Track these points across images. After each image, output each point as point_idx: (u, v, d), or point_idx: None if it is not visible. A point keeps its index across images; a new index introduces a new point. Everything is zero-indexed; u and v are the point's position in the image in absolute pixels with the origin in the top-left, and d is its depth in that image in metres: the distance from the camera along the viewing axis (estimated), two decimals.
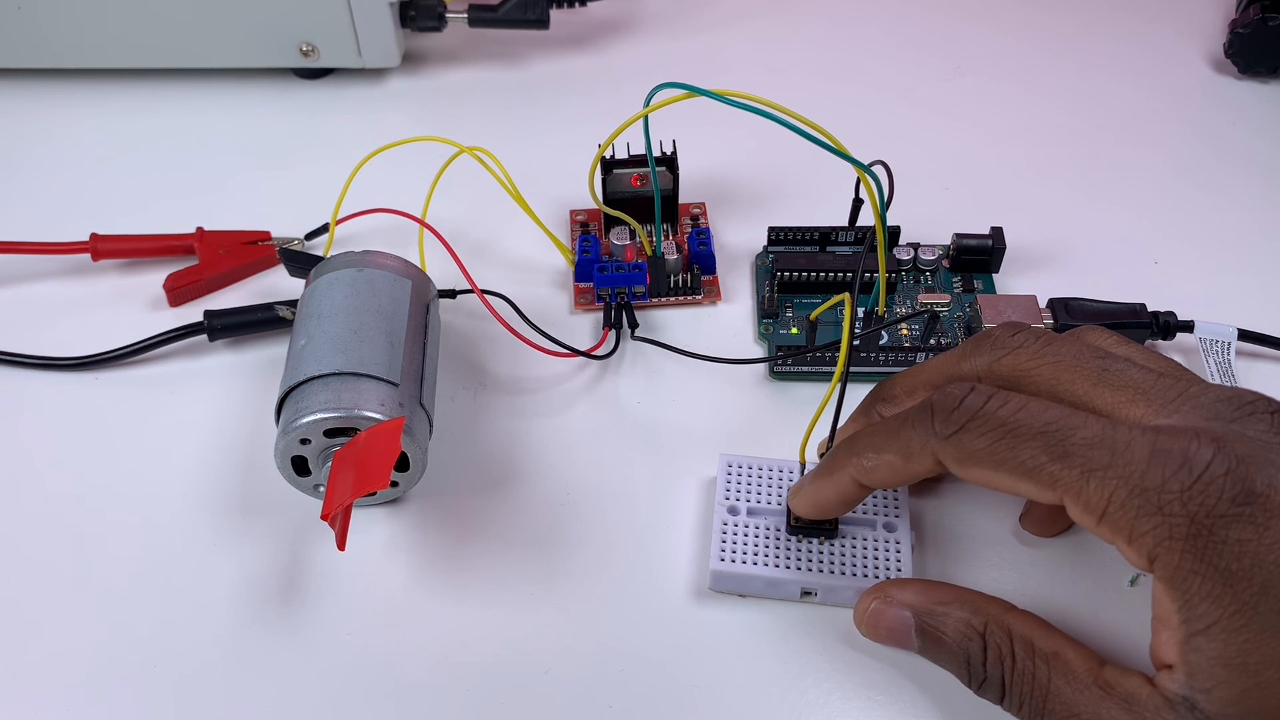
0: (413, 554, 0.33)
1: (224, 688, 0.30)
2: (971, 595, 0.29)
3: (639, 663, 0.30)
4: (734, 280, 0.41)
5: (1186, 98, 0.49)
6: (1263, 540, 0.23)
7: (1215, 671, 0.23)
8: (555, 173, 0.42)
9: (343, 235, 0.42)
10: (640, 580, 0.32)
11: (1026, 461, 0.25)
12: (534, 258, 0.42)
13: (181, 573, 0.32)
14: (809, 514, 0.30)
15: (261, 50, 0.49)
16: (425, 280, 0.36)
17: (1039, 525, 0.32)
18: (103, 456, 0.36)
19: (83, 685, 0.30)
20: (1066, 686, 0.26)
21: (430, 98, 0.50)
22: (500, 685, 0.30)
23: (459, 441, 0.36)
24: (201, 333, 0.38)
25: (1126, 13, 0.54)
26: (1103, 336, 0.29)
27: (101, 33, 0.48)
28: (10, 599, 0.32)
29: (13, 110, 0.50)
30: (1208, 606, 0.23)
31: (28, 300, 0.41)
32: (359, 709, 0.29)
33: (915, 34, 0.53)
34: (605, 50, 0.53)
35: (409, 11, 0.49)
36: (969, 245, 0.39)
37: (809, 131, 0.30)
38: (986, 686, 0.27)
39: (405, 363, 0.33)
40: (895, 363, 0.36)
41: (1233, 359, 0.37)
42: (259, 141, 0.48)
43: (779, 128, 0.30)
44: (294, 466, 0.32)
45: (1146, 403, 0.26)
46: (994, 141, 0.47)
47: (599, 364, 0.38)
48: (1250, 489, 0.23)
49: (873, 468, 0.28)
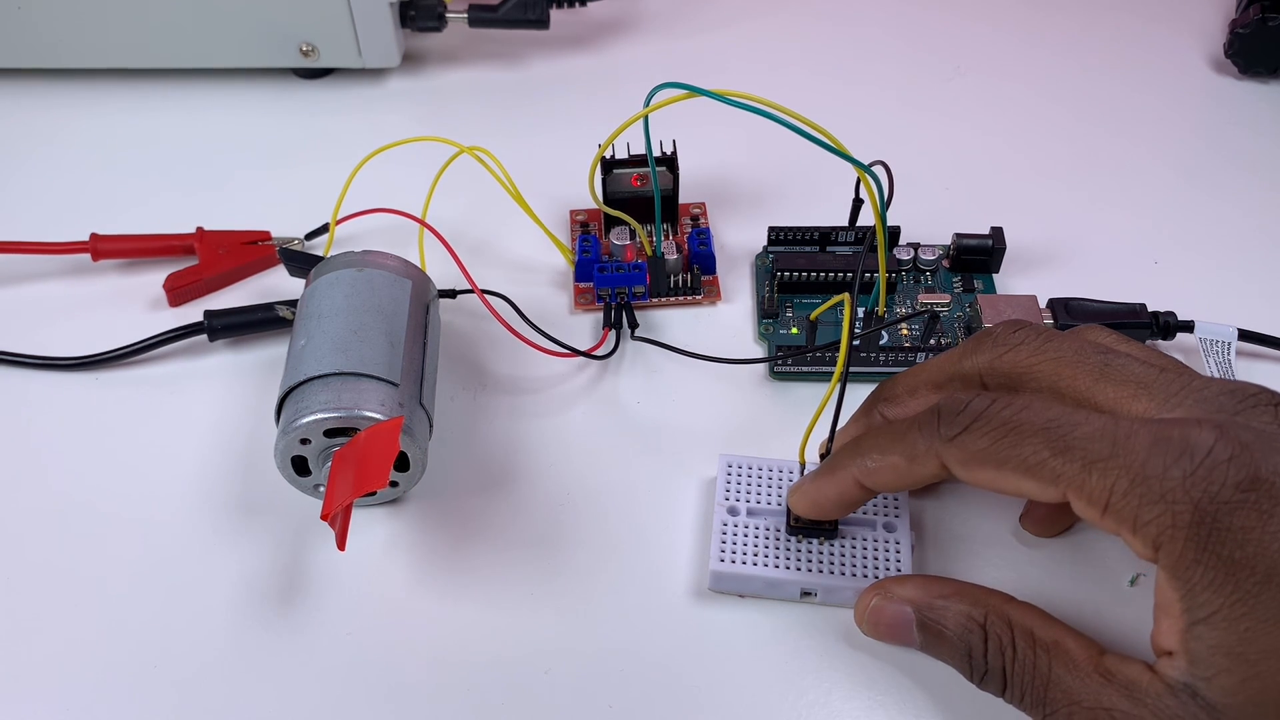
0: (413, 554, 0.33)
1: (224, 687, 0.30)
2: (971, 588, 0.29)
3: (639, 663, 0.30)
4: (734, 280, 0.41)
5: (1186, 98, 0.49)
6: (1266, 528, 0.23)
7: (1216, 659, 0.23)
8: (555, 173, 0.42)
9: (343, 235, 0.42)
10: (640, 580, 0.32)
11: (1029, 458, 0.25)
12: (534, 258, 0.42)
13: (182, 573, 0.32)
14: (808, 513, 0.30)
15: (261, 50, 0.49)
16: (425, 280, 0.36)
17: (1039, 525, 0.32)
18: (103, 456, 0.36)
19: (82, 685, 0.30)
20: (1068, 675, 0.26)
21: (430, 98, 0.50)
22: (500, 685, 0.30)
23: (459, 441, 0.36)
24: (201, 333, 0.38)
25: (1126, 13, 0.54)
26: (1103, 334, 0.29)
27: (101, 33, 0.48)
28: (10, 599, 0.32)
29: (13, 110, 0.50)
30: (1210, 594, 0.23)
31: (28, 300, 0.41)
32: (359, 709, 0.29)
33: (915, 34, 0.53)
34: (605, 50, 0.53)
35: (409, 11, 0.49)
36: (969, 245, 0.39)
37: (809, 131, 0.30)
38: (988, 678, 0.27)
39: (405, 363, 0.33)
40: (895, 363, 0.36)
41: (1233, 359, 0.37)
42: (259, 141, 0.48)
43: (779, 128, 0.30)
44: (294, 466, 0.32)
45: (1149, 397, 0.26)
46: (994, 141, 0.47)
47: (599, 364, 0.38)
48: (1255, 474, 0.23)
49: (876, 469, 0.28)
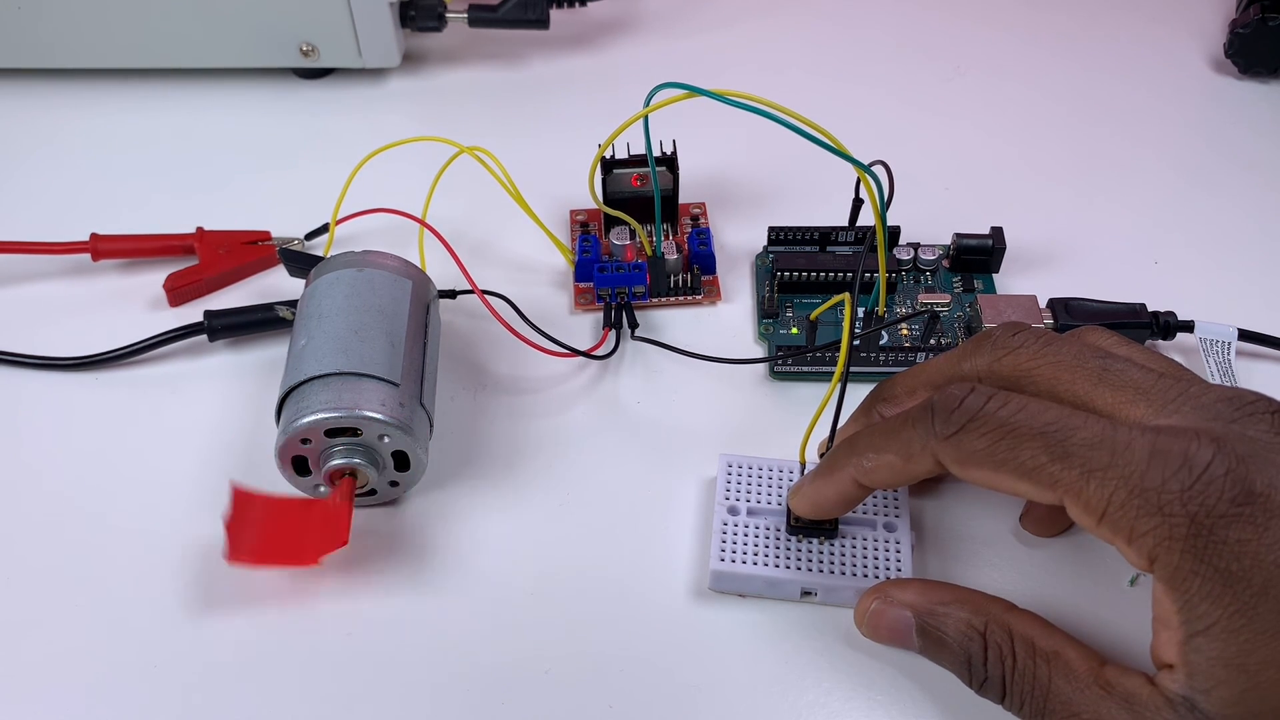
0: (413, 554, 0.33)
1: (224, 687, 0.30)
2: (972, 595, 0.29)
3: (639, 663, 0.30)
4: (734, 280, 0.41)
5: (1186, 98, 0.49)
6: (1262, 540, 0.23)
7: (1215, 672, 0.23)
8: (555, 173, 0.42)
9: (343, 235, 0.42)
10: (640, 580, 0.32)
11: (1026, 462, 0.25)
12: (534, 258, 0.42)
13: (181, 572, 0.32)
14: (809, 514, 0.30)
15: (261, 50, 0.49)
16: (425, 280, 0.36)
17: (1039, 525, 0.32)
18: (103, 456, 0.36)
19: (82, 685, 0.30)
20: (1067, 686, 0.26)
21: (430, 98, 0.50)
22: (500, 685, 0.30)
23: (459, 441, 0.36)
24: (201, 333, 0.38)
25: (1126, 13, 0.54)
26: (1103, 336, 0.29)
27: (101, 33, 0.48)
28: (10, 599, 0.32)
29: (13, 110, 0.50)
30: (1207, 607, 0.23)
31: (28, 300, 0.41)
32: (359, 709, 0.29)
33: (915, 34, 0.53)
34: (605, 50, 0.53)
35: (409, 11, 0.49)
36: (969, 245, 0.39)
37: (809, 131, 0.30)
38: (987, 686, 0.27)
39: (406, 363, 0.33)
40: (895, 363, 0.36)
41: (1233, 359, 0.37)
42: (259, 141, 0.48)
43: (779, 128, 0.30)
44: (294, 466, 0.32)
45: (1147, 403, 0.26)
46: (994, 141, 0.47)
47: (599, 364, 0.38)
48: (1250, 489, 0.23)
49: (873, 468, 0.28)
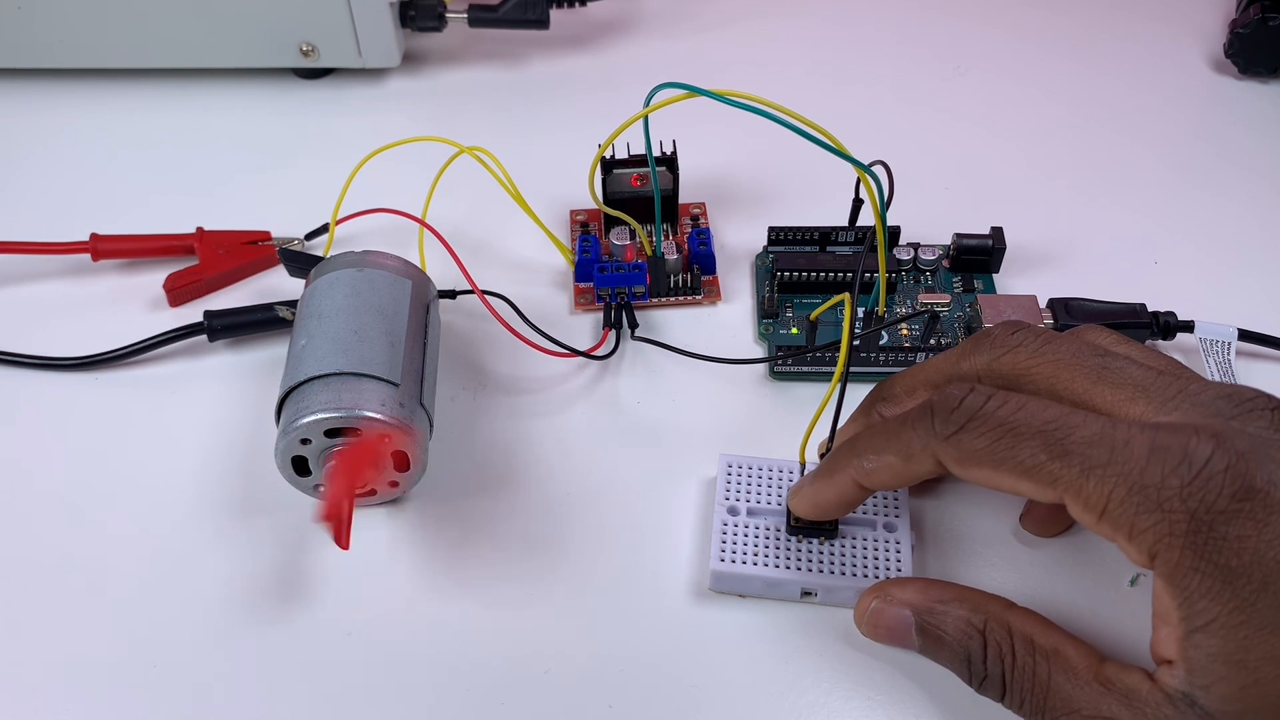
0: (413, 554, 0.33)
1: (224, 688, 0.30)
2: (971, 593, 0.29)
3: (639, 663, 0.30)
4: (734, 280, 0.41)
5: (1186, 98, 0.49)
6: (1262, 536, 0.23)
7: (1215, 668, 0.23)
8: (555, 173, 0.42)
9: (343, 235, 0.42)
10: (640, 580, 0.32)
11: (1026, 461, 0.25)
12: (534, 258, 0.42)
13: (182, 572, 0.32)
14: (809, 515, 0.30)
15: (261, 50, 0.49)
16: (425, 280, 0.36)
17: (1039, 525, 0.32)
18: (103, 457, 0.36)
19: (82, 685, 0.30)
20: (1067, 683, 0.26)
21: (430, 98, 0.50)
22: (500, 685, 0.30)
23: (459, 441, 0.36)
24: (201, 333, 0.38)
25: (1126, 13, 0.54)
26: (1102, 335, 0.29)
27: (101, 33, 0.48)
28: (9, 599, 0.32)
29: (13, 110, 0.50)
30: (1207, 603, 0.23)
31: (28, 300, 0.41)
32: (359, 709, 0.29)
33: (915, 34, 0.53)
34: (605, 50, 0.53)
35: (409, 11, 0.49)
36: (969, 245, 0.39)
37: (809, 131, 0.30)
38: (987, 684, 0.27)
39: (406, 363, 0.33)
40: (895, 363, 0.36)
41: (1233, 359, 0.37)
42: (259, 141, 0.48)
43: (779, 128, 0.30)
44: (294, 466, 0.32)
45: (1146, 400, 0.26)
46: (994, 141, 0.47)
47: (599, 364, 0.38)
48: (1250, 485, 0.23)
49: (873, 469, 0.28)
